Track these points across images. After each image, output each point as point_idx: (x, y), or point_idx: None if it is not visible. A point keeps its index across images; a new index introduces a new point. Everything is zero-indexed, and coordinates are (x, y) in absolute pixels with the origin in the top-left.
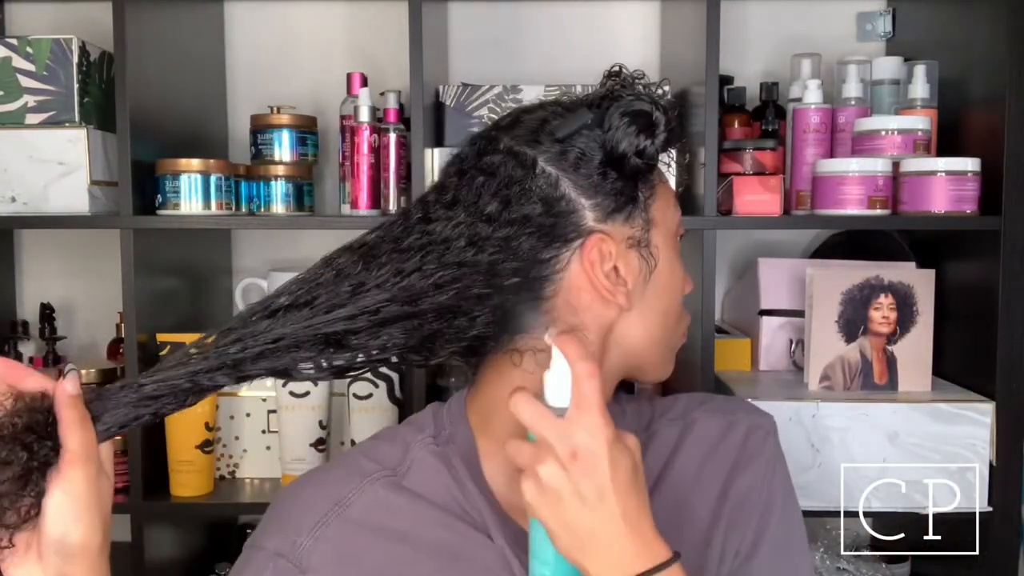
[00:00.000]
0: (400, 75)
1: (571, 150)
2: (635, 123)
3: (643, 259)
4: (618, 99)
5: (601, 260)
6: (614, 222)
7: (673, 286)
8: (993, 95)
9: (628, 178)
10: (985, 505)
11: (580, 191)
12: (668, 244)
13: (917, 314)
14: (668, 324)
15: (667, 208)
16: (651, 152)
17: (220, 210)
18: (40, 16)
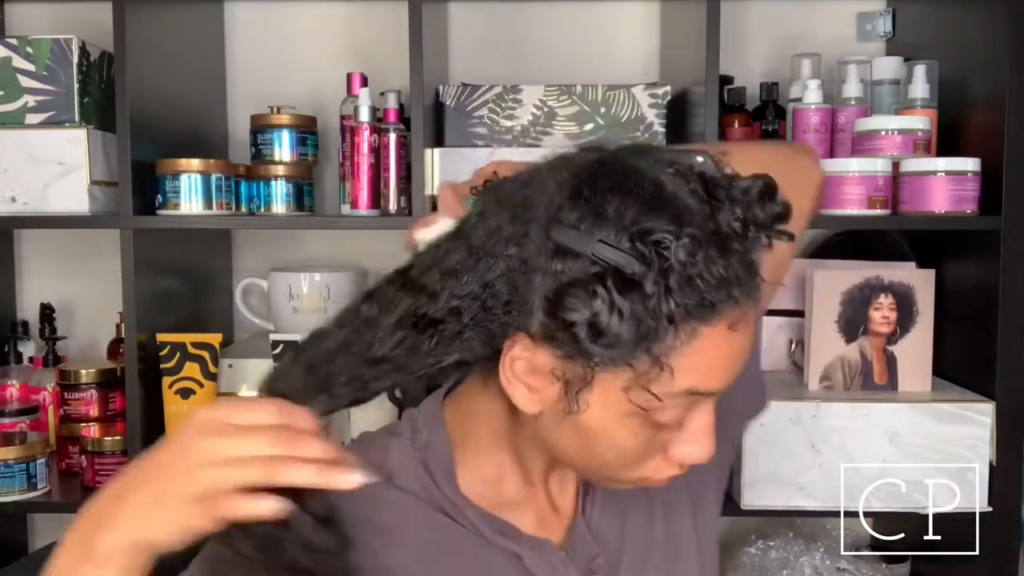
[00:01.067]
0: (400, 75)
1: (553, 261)
2: (588, 308)
3: (565, 398)
4: (637, 257)
5: (516, 357)
6: (548, 346)
7: (604, 445)
8: (993, 95)
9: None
10: (985, 505)
11: (540, 299)
12: (614, 413)
13: (917, 314)
14: (589, 463)
15: (630, 386)
16: (584, 345)
17: (220, 210)
18: (40, 16)
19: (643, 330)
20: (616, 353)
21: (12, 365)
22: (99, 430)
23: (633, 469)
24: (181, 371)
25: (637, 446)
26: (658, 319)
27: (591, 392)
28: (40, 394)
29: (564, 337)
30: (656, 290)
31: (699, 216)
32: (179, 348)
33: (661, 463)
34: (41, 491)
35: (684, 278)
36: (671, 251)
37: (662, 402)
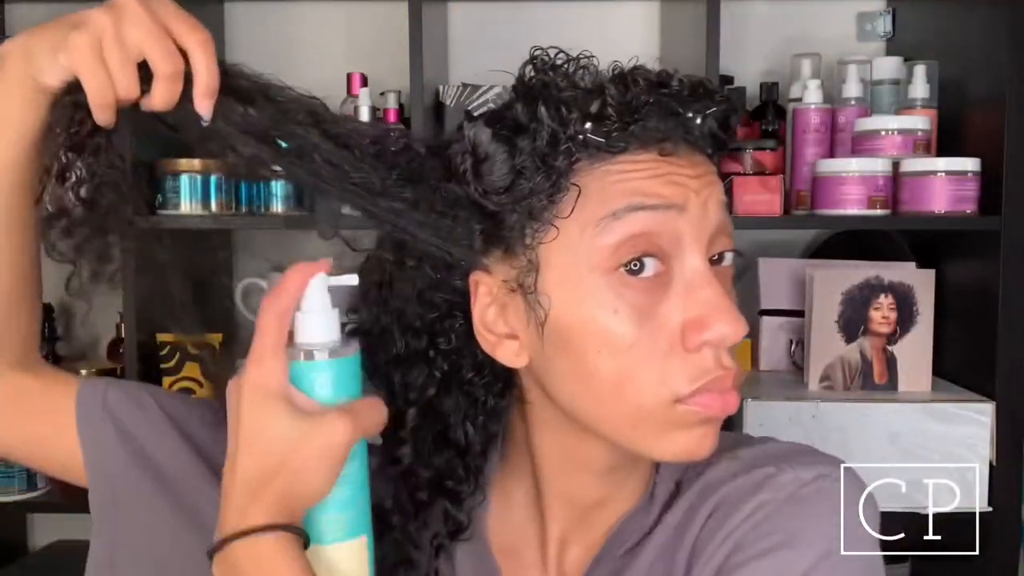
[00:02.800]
0: (400, 75)
1: (450, 159)
2: (464, 152)
3: (529, 306)
4: (491, 110)
5: (484, 304)
6: (492, 255)
7: (586, 341)
8: (993, 95)
9: (478, 207)
10: (985, 505)
11: (474, 204)
12: (574, 287)
13: (917, 314)
14: (597, 391)
15: (572, 243)
16: (480, 187)
17: (220, 210)
18: (40, 16)
19: (528, 142)
20: (504, 189)
21: None
22: None
23: (652, 377)
24: (181, 371)
25: (626, 328)
26: (543, 130)
27: (543, 274)
28: None
29: (491, 222)
30: (519, 112)
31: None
32: (179, 348)
33: (687, 362)
34: (41, 491)
35: (548, 99)
36: (537, 79)
37: (604, 239)
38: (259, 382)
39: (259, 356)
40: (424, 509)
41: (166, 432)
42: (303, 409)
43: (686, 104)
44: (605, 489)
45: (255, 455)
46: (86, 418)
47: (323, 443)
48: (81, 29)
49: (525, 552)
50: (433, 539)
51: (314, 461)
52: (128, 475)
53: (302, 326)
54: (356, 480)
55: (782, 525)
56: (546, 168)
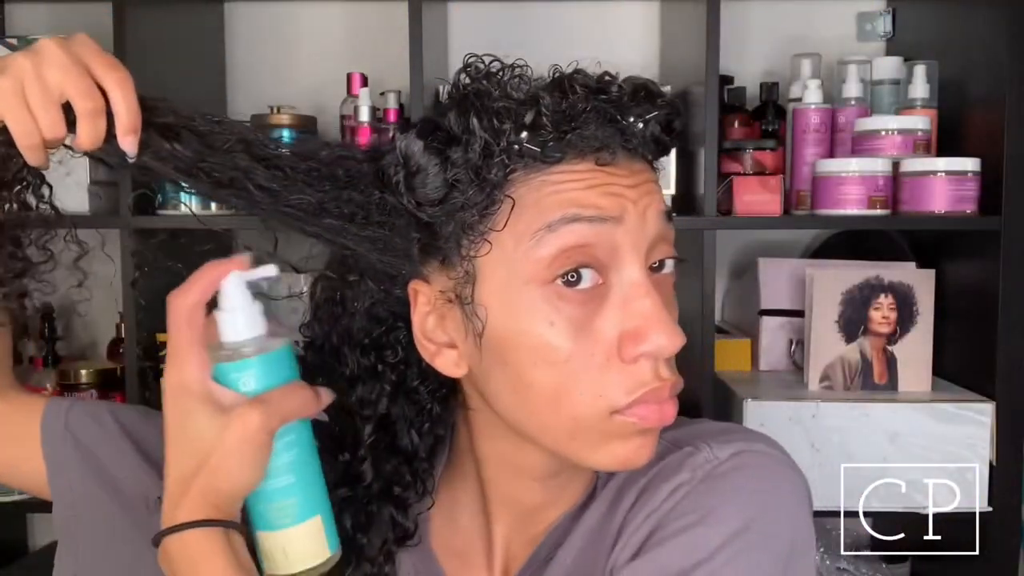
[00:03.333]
0: (400, 75)
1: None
2: (397, 164)
3: (466, 317)
4: (426, 120)
5: (423, 312)
6: (429, 266)
7: (524, 354)
8: (993, 95)
9: (414, 218)
10: (985, 505)
11: (411, 216)
12: (510, 299)
13: (917, 314)
14: (534, 403)
15: (508, 255)
16: (414, 198)
17: (220, 210)
18: (40, 16)
19: (459, 154)
20: (448, 196)
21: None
22: None
23: (586, 388)
24: None
25: (561, 340)
26: (475, 142)
27: (480, 286)
28: (40, 394)
29: (427, 234)
30: (453, 123)
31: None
32: None
33: (622, 373)
34: None
35: (480, 110)
36: (459, 97)
37: (540, 251)
38: (176, 381)
39: (173, 355)
40: (373, 518)
41: (125, 450)
42: (221, 404)
43: (626, 110)
44: (548, 493)
45: (180, 454)
46: (49, 438)
47: (237, 436)
48: (3, 74)
49: (471, 554)
50: (382, 546)
51: (232, 455)
52: (89, 493)
53: (223, 325)
54: (298, 465)
55: (698, 503)
56: (479, 181)
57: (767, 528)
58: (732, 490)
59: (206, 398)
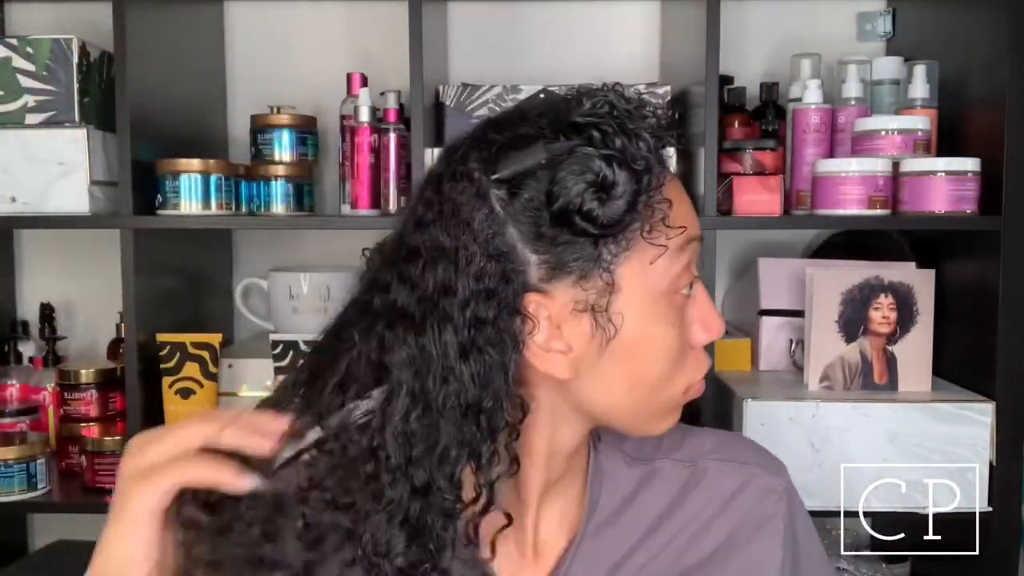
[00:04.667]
0: (400, 75)
1: (519, 193)
2: (584, 182)
3: (598, 325)
4: (585, 138)
5: (535, 323)
6: (560, 281)
7: (649, 353)
8: (993, 95)
9: (580, 236)
10: (985, 505)
11: (527, 243)
12: (647, 308)
13: (917, 314)
14: (639, 392)
15: (648, 269)
16: (602, 217)
17: (220, 210)
18: (40, 16)
19: (641, 174)
20: (620, 218)
21: (12, 365)
22: (99, 430)
23: (681, 374)
24: (181, 371)
25: (676, 337)
26: (645, 160)
27: (619, 296)
28: (40, 394)
29: (569, 251)
30: (627, 138)
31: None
32: (179, 348)
33: (695, 357)
34: (41, 491)
35: (629, 132)
36: (613, 108)
37: (675, 268)
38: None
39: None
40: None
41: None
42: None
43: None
44: (571, 461)
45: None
46: None
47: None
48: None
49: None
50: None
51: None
52: None
53: None
54: None
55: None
56: (648, 198)
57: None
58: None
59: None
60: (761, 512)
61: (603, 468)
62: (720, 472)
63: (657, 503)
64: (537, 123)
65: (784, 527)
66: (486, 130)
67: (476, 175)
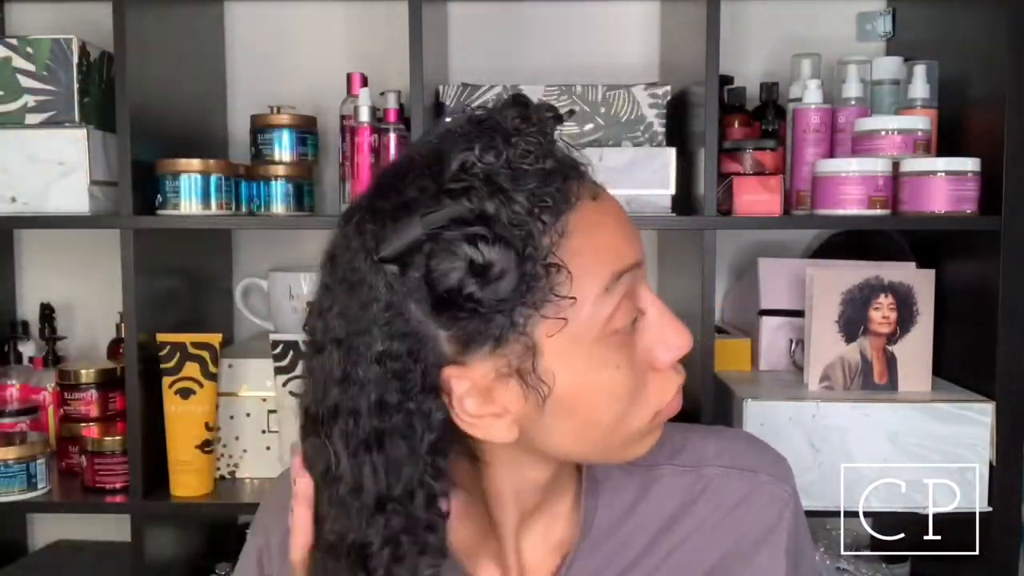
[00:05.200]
0: (400, 75)
1: (407, 271)
2: (459, 267)
3: (528, 386)
4: (458, 207)
5: (461, 395)
6: (474, 354)
7: (594, 401)
8: (993, 95)
9: (473, 315)
10: (985, 505)
11: (430, 318)
12: (578, 360)
13: (917, 314)
14: (593, 436)
15: (568, 323)
16: (485, 299)
17: (220, 210)
18: (40, 16)
19: (520, 243)
20: (520, 287)
21: (12, 365)
22: (99, 430)
23: (641, 406)
24: (181, 371)
25: (626, 376)
26: (523, 224)
27: (544, 356)
28: (40, 394)
29: (475, 324)
30: (500, 203)
31: (485, 138)
32: (179, 348)
33: (658, 381)
34: (41, 491)
35: (513, 178)
36: (483, 169)
37: (603, 312)
38: None
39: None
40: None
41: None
42: None
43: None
44: (548, 489)
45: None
46: None
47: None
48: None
49: (481, 550)
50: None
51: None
52: None
53: None
54: None
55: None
56: (545, 266)
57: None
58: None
59: None
60: (767, 522)
61: (599, 478)
62: (725, 480)
63: (659, 513)
64: (417, 184)
65: (788, 536)
66: (374, 195)
67: (365, 254)
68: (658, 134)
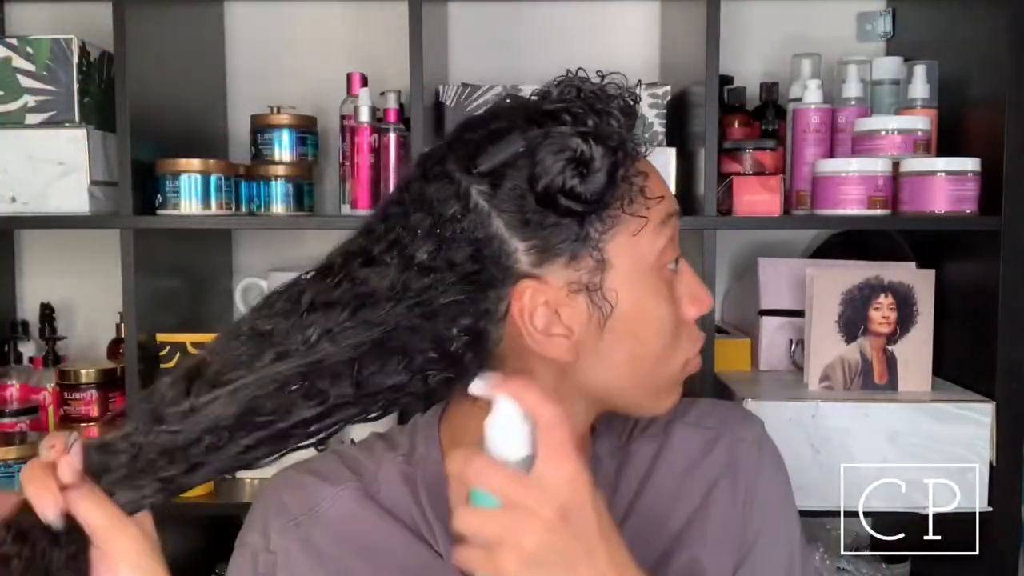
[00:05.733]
0: (400, 75)
1: (501, 184)
2: (564, 160)
3: (594, 304)
4: (558, 123)
5: (532, 309)
6: (551, 264)
7: (647, 328)
8: (993, 95)
9: (566, 216)
10: (985, 505)
11: (513, 231)
12: (638, 283)
13: (917, 314)
14: (641, 368)
15: (634, 243)
16: (584, 193)
17: (220, 210)
18: (40, 16)
19: (614, 148)
20: (609, 189)
21: (12, 365)
22: (99, 430)
23: (676, 347)
24: None
25: (670, 311)
26: (616, 136)
27: (611, 273)
28: (40, 394)
29: (558, 233)
30: (597, 118)
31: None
32: (179, 348)
33: (688, 331)
34: None
35: (600, 111)
36: (574, 103)
37: (659, 243)
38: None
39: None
40: None
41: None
42: None
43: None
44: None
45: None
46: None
47: None
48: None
49: None
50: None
51: None
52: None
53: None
54: None
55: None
56: (626, 173)
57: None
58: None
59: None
60: (733, 465)
61: (599, 455)
62: (685, 435)
63: (631, 485)
64: (510, 117)
65: (749, 473)
66: (460, 132)
67: (455, 174)
68: (658, 134)
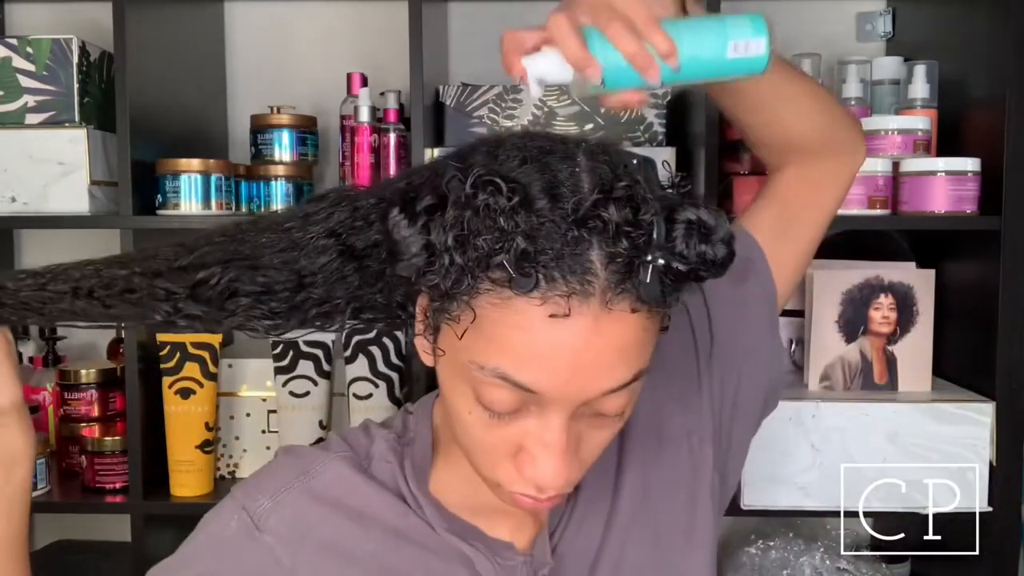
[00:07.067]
0: (400, 75)
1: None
2: (389, 247)
3: (434, 342)
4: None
5: (419, 308)
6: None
7: (454, 413)
8: (993, 95)
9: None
10: (985, 505)
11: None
12: (456, 378)
13: (917, 314)
14: (463, 447)
15: (458, 350)
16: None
17: (220, 210)
18: (40, 16)
19: (463, 252)
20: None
21: None
22: (99, 430)
23: (486, 464)
24: (181, 371)
25: (478, 430)
26: (472, 249)
27: (440, 337)
28: (40, 394)
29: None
30: (460, 216)
31: (569, 187)
32: (179, 348)
33: (511, 471)
34: (41, 491)
35: (484, 220)
36: (481, 190)
37: (480, 369)
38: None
39: None
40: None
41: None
42: None
43: (640, 248)
44: None
45: None
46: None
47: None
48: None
49: (501, 507)
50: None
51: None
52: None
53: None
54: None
55: None
56: (447, 293)
57: None
58: None
59: None
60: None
61: None
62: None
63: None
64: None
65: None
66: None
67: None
68: (658, 134)
